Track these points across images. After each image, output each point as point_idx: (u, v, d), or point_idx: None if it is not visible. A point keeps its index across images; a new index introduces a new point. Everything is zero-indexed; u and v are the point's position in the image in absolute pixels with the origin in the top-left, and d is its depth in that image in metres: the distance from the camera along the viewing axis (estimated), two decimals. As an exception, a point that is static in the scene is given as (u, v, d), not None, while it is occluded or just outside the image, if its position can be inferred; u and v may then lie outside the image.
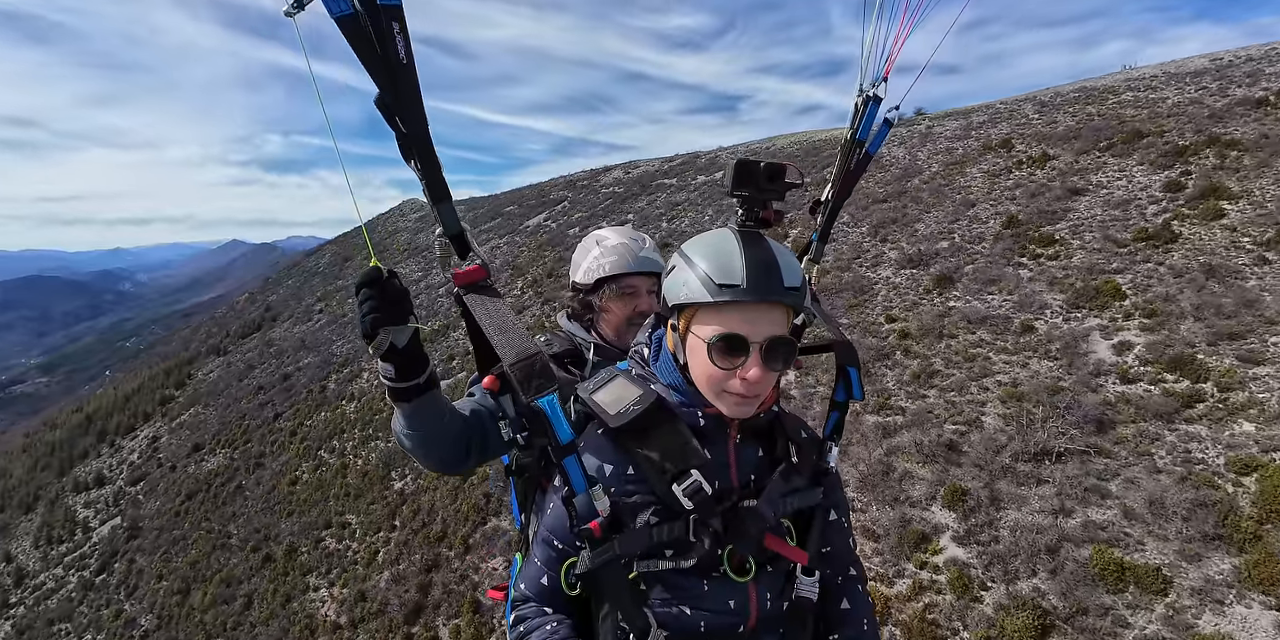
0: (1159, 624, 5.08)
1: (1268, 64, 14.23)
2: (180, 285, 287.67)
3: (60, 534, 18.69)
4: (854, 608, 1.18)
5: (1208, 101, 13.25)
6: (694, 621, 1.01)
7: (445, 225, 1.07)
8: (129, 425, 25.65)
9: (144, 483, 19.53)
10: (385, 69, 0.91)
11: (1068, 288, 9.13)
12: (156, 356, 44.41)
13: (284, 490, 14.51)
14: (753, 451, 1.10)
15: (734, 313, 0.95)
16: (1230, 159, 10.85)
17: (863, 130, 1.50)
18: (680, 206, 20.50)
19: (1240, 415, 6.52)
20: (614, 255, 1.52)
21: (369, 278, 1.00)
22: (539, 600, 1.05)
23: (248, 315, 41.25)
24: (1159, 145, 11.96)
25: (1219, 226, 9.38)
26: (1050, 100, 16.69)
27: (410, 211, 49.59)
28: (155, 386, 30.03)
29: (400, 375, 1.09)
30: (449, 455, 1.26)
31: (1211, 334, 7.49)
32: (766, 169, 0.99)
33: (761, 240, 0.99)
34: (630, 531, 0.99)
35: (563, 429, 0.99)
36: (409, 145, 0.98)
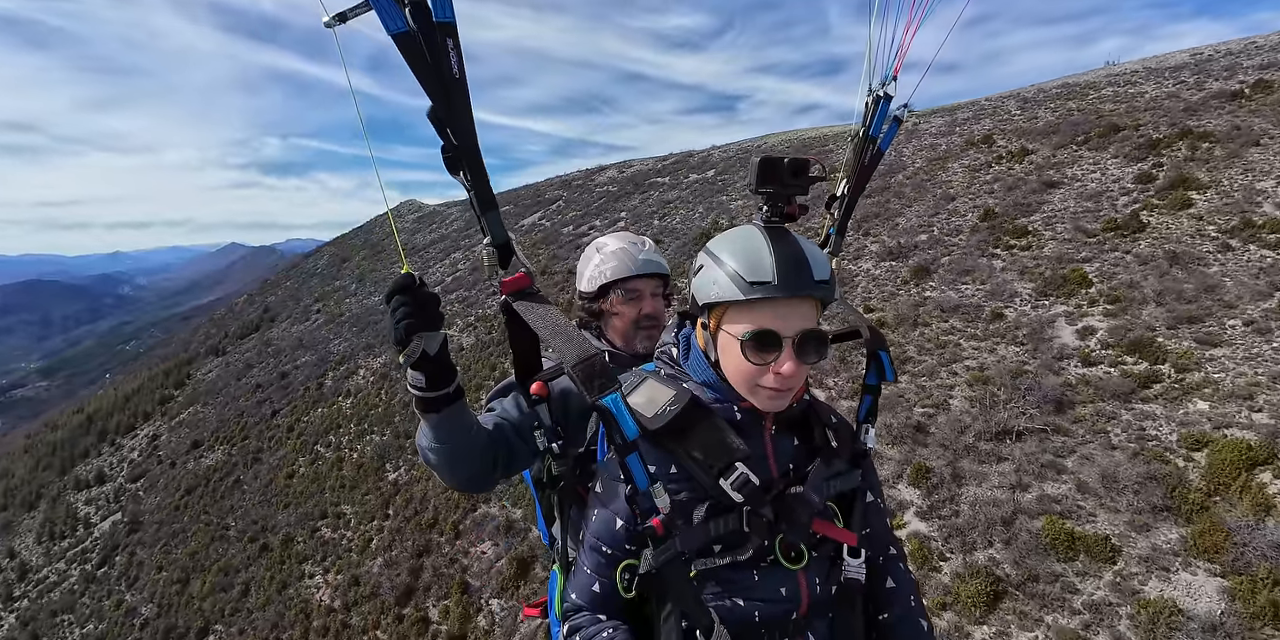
0: (1106, 590, 5.35)
1: (1245, 58, 14.53)
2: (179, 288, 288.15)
3: (62, 530, 19.02)
4: (899, 586, 1.20)
5: (1184, 95, 13.55)
6: (749, 612, 1.02)
7: (493, 234, 1.09)
8: (129, 425, 25.96)
9: (144, 479, 19.84)
10: (439, 83, 0.94)
11: (1037, 277, 9.42)
12: (156, 359, 44.71)
13: (281, 483, 14.82)
14: (788, 442, 1.11)
15: (766, 309, 0.96)
16: (1201, 151, 11.14)
17: (874, 127, 1.54)
18: (671, 204, 20.81)
19: (1195, 394, 6.80)
20: (615, 260, 1.54)
21: (401, 284, 1.01)
22: (591, 609, 1.05)
23: (246, 316, 41.56)
24: (1134, 138, 12.25)
25: (1186, 216, 9.66)
26: (1034, 96, 16.99)
27: (408, 213, 49.95)
28: (155, 386, 30.33)
29: (431, 384, 1.08)
30: (477, 470, 1.24)
31: (1171, 318, 7.77)
32: (790, 164, 0.99)
33: (788, 235, 1.00)
34: (687, 528, 1.00)
35: (628, 426, 0.99)
36: (459, 157, 1.01)
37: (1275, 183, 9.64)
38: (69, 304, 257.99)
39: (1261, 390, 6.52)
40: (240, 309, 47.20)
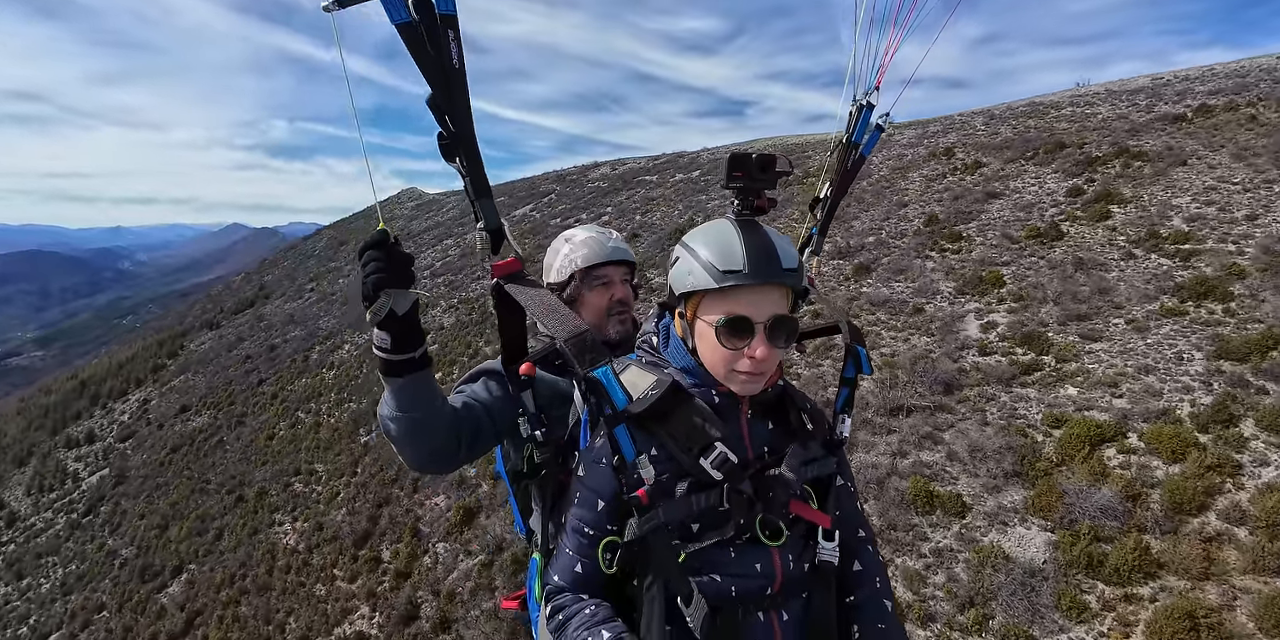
0: (952, 539, 6.22)
1: (1199, 84, 15.40)
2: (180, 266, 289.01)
3: (51, 483, 19.94)
4: (865, 568, 1.23)
5: (1133, 117, 14.42)
6: (725, 587, 1.05)
7: (486, 220, 1.12)
8: (121, 390, 26.86)
9: (132, 439, 20.76)
10: (440, 72, 0.97)
11: (959, 277, 10.29)
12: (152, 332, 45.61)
13: (261, 444, 15.73)
14: (764, 426, 1.15)
15: (738, 296, 1.00)
16: (1133, 168, 12.02)
17: (857, 134, 1.63)
18: (654, 201, 21.69)
19: (1068, 381, 7.68)
20: (585, 248, 1.57)
21: (375, 240, 1.02)
22: (573, 589, 1.08)
23: (242, 293, 42.40)
24: (1075, 155, 13.12)
25: (1102, 227, 10.54)
26: (1001, 114, 17.86)
27: (408, 200, 50.84)
28: (149, 355, 31.21)
29: (397, 346, 1.09)
30: (440, 445, 1.23)
31: (1064, 315, 8.65)
32: (758, 160, 1.03)
33: (758, 227, 1.05)
34: (670, 501, 1.03)
35: (618, 396, 1.03)
36: (456, 144, 1.04)
37: (1190, 199, 10.52)
38: (68, 276, 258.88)
39: (1126, 380, 7.40)
40: (237, 286, 48.04)
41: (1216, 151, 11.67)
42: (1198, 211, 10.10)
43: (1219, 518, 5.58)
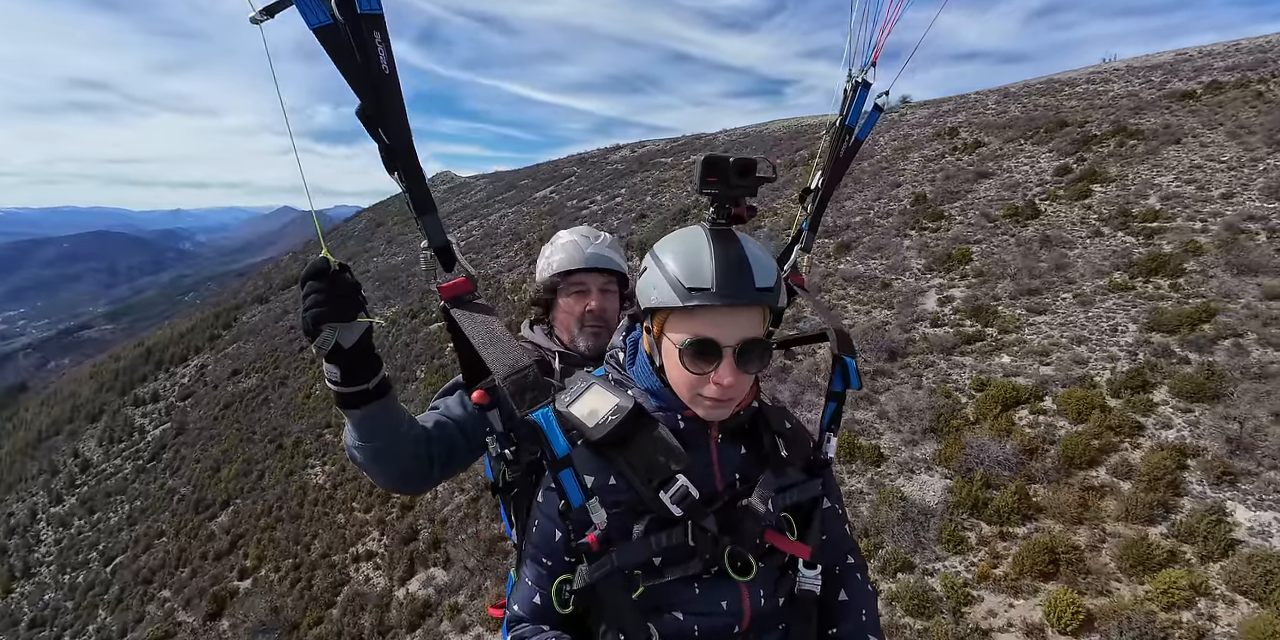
0: (864, 484, 7.07)
1: (1220, 60, 14.99)
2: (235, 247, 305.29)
3: (120, 435, 22.76)
4: (852, 598, 1.16)
5: (1143, 94, 14.26)
6: (688, 626, 1.00)
7: (430, 237, 1.04)
8: (182, 356, 29.80)
9: (191, 398, 23.35)
10: (367, 80, 0.89)
11: (930, 254, 10.82)
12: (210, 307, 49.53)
13: (299, 402, 17.68)
14: (735, 451, 1.07)
15: (705, 316, 0.92)
16: (1127, 147, 12.10)
17: (852, 116, 1.47)
18: (665, 183, 22.42)
19: (1004, 351, 8.29)
20: (562, 253, 1.51)
21: (315, 269, 0.97)
22: (532, 620, 1.03)
23: (289, 271, 45.46)
24: (1074, 134, 13.20)
25: (1079, 205, 10.82)
26: (1017, 92, 17.70)
27: (441, 183, 52.91)
28: (206, 327, 34.25)
29: (346, 379, 1.04)
30: (409, 468, 1.19)
31: (1017, 290, 9.16)
32: (736, 164, 0.95)
33: (733, 238, 0.95)
34: (628, 543, 0.96)
35: (558, 442, 0.95)
36: (392, 157, 0.96)
37: (1172, 177, 10.67)
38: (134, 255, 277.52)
39: (1058, 350, 7.97)
40: (285, 265, 51.36)
41: (1213, 129, 11.64)
42: (1176, 190, 10.28)
43: (1108, 472, 6.25)
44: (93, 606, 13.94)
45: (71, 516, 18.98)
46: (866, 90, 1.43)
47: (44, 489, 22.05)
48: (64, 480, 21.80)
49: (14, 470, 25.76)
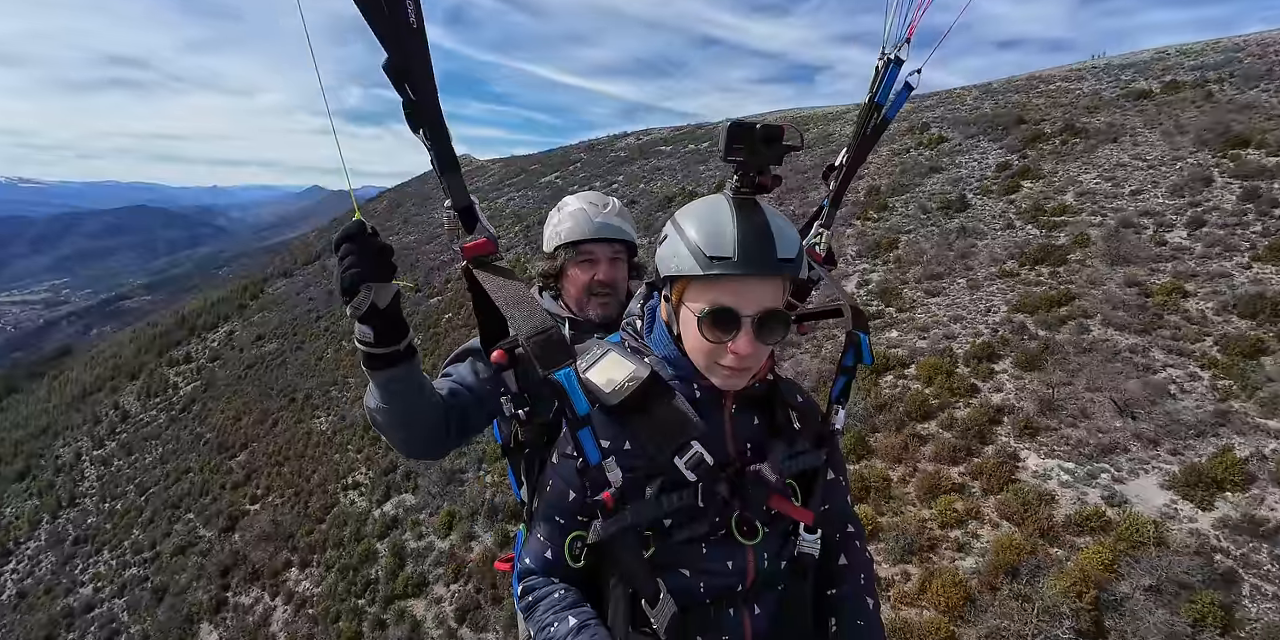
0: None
1: (1191, 59, 15.65)
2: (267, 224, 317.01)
3: (156, 391, 25.70)
4: (851, 564, 1.23)
5: (1104, 93, 15.11)
6: (694, 583, 1.04)
7: (454, 198, 1.06)
8: (212, 323, 32.83)
9: (219, 360, 26.15)
10: (394, 33, 0.90)
11: (865, 242, 12.17)
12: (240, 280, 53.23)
13: (312, 363, 20.05)
14: (748, 420, 1.11)
15: (725, 285, 0.93)
16: (1069, 144, 13.13)
17: (881, 94, 1.47)
18: (661, 170, 23.86)
19: (895, 327, 9.70)
20: (570, 221, 1.50)
21: (350, 232, 1.00)
22: (543, 573, 1.08)
23: (314, 248, 48.56)
24: (1027, 131, 14.21)
25: (1005, 199, 11.99)
26: (999, 88, 18.51)
27: (465, 164, 55.17)
28: (235, 298, 37.35)
29: (380, 339, 1.08)
30: (429, 433, 1.24)
31: (923, 275, 10.51)
32: (763, 131, 0.95)
33: (756, 208, 0.96)
34: (641, 501, 1.00)
35: (580, 402, 0.98)
36: (418, 114, 0.97)
37: (1095, 175, 11.74)
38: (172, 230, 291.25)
39: (937, 326, 9.37)
40: (310, 242, 54.62)
41: (1152, 129, 12.58)
42: (1094, 186, 11.38)
43: (937, 425, 7.71)
44: (128, 526, 16.55)
45: (112, 457, 21.89)
46: (899, 68, 1.44)
47: (88, 436, 25.16)
48: (105, 428, 24.87)
49: (61, 421, 29.13)
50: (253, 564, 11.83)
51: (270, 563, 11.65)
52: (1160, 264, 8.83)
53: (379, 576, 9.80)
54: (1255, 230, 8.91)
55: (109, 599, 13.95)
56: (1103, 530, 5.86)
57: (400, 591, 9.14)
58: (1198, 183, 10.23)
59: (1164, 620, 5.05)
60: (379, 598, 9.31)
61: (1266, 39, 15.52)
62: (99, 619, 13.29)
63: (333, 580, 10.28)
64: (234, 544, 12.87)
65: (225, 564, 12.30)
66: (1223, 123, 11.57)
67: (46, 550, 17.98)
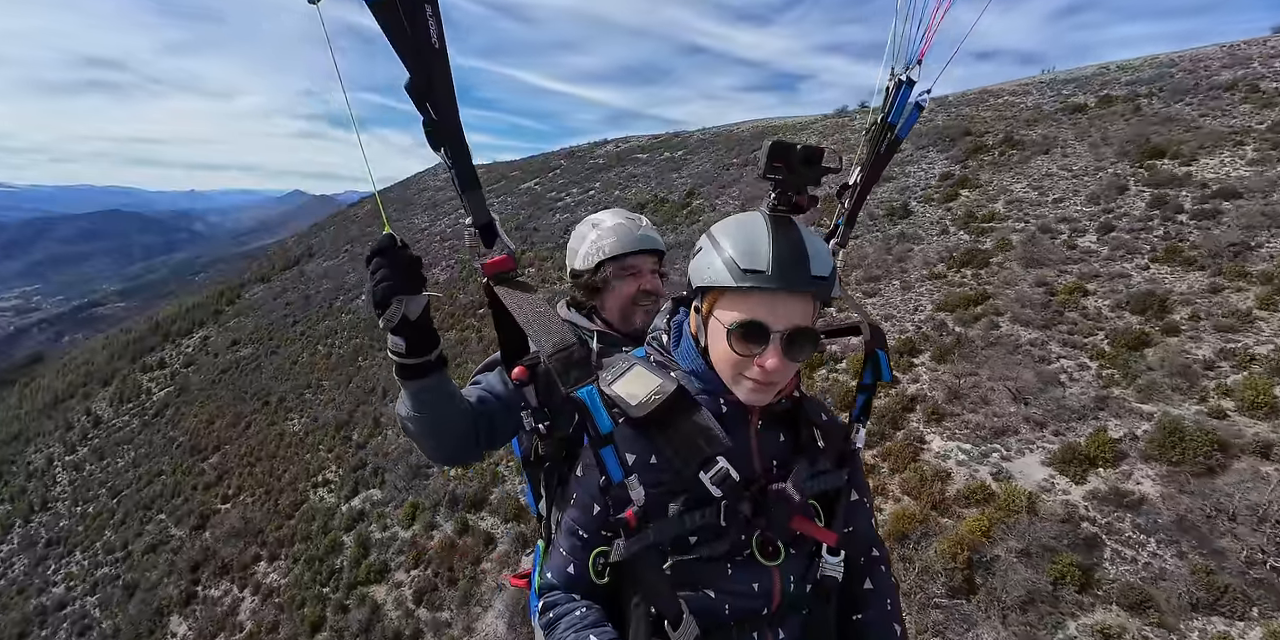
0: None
1: (1128, 75, 16.80)
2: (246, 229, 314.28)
3: (129, 396, 25.92)
4: (876, 588, 1.22)
5: (1045, 106, 16.18)
6: (719, 605, 1.05)
7: (474, 215, 1.09)
8: (188, 329, 33.04)
9: (194, 365, 26.45)
10: (417, 54, 0.93)
11: (812, 245, 13.02)
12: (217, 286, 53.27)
13: (286, 367, 20.52)
14: (774, 436, 1.12)
15: (758, 300, 0.95)
16: (1006, 155, 14.13)
17: (894, 114, 1.52)
18: (635, 178, 24.73)
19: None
20: (613, 236, 1.56)
21: (382, 246, 1.04)
22: (565, 589, 1.09)
23: (292, 253, 48.82)
24: (971, 143, 15.21)
25: (943, 207, 12.92)
26: (954, 101, 19.59)
27: (443, 171, 55.65)
28: (211, 303, 37.57)
29: (411, 350, 1.11)
30: (459, 442, 1.28)
31: (863, 277, 11.36)
32: (803, 152, 0.96)
33: (792, 226, 0.99)
34: (663, 519, 1.01)
35: (603, 420, 0.99)
36: (440, 133, 1.00)
37: (1025, 184, 12.71)
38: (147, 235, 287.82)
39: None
40: (289, 247, 54.81)
41: (1081, 141, 13.60)
42: (1022, 195, 12.34)
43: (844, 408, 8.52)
44: (100, 528, 16.87)
45: (84, 462, 22.13)
46: (910, 88, 1.49)
47: (60, 441, 25.33)
48: (78, 434, 25.06)
49: (33, 427, 29.19)
50: (222, 559, 12.31)
51: (240, 557, 12.14)
52: (1069, 266, 9.74)
53: (343, 565, 10.37)
54: (1157, 234, 9.85)
55: (81, 597, 14.31)
56: (986, 502, 6.66)
57: (363, 578, 9.73)
58: (1113, 191, 11.20)
59: (1028, 578, 5.84)
60: (342, 584, 9.88)
61: (1199, 55, 16.72)
62: (71, 616, 13.66)
63: (299, 571, 10.82)
64: (204, 541, 13.33)
65: (196, 560, 12.76)
66: (1143, 134, 12.61)
67: (19, 553, 18.25)
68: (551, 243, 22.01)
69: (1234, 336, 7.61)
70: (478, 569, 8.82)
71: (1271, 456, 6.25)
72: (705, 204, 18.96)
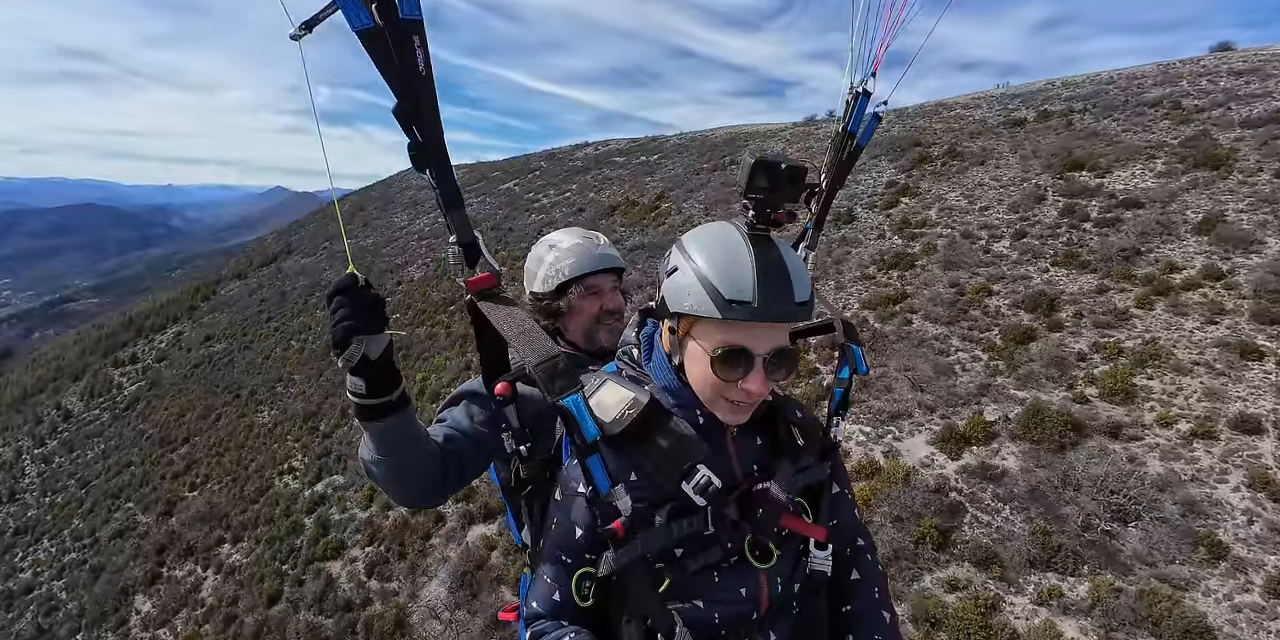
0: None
1: (1069, 90, 18.02)
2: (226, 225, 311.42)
3: (100, 390, 26.36)
4: (864, 578, 1.25)
5: (990, 120, 17.34)
6: (708, 614, 1.06)
7: (459, 233, 1.12)
8: (161, 325, 33.45)
9: (166, 360, 26.95)
10: (405, 81, 0.98)
11: (760, 248, 14.01)
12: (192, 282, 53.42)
13: (259, 362, 21.17)
14: (751, 442, 1.15)
15: (740, 327, 0.97)
16: (947, 166, 15.22)
17: (854, 123, 1.67)
18: (610, 181, 25.67)
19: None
20: (572, 256, 1.57)
21: (343, 285, 1.04)
22: (552, 616, 1.09)
23: (271, 250, 49.20)
24: (918, 154, 16.30)
25: (884, 213, 13.96)
26: (911, 113, 20.75)
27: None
28: (186, 299, 37.97)
29: (372, 390, 1.10)
30: (427, 483, 1.26)
31: (800, 278, 12.35)
32: (788, 171, 0.98)
33: (772, 246, 1.00)
34: (650, 530, 1.02)
35: (588, 427, 1.01)
36: (425, 154, 1.03)
37: (958, 193, 13.78)
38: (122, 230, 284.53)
39: (805, 320, 11.17)
40: (268, 244, 55.13)
41: (1014, 153, 14.72)
42: (955, 203, 13.40)
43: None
44: (68, 517, 17.40)
45: (53, 455, 22.57)
46: (867, 99, 1.64)
47: (29, 435, 25.70)
48: (47, 428, 25.45)
49: (1, 421, 29.50)
50: (187, 542, 12.99)
51: (204, 540, 12.83)
52: (981, 269, 10.78)
53: (302, 544, 11.12)
54: (1062, 240, 10.92)
55: (48, 581, 14.87)
56: (873, 476, 7.62)
57: (320, 555, 10.49)
58: (1031, 200, 12.29)
59: (894, 538, 6.78)
60: (300, 561, 10.63)
61: (1136, 73, 17.97)
62: (38, 599, 14.21)
63: (260, 550, 11.56)
64: (171, 526, 14.00)
65: (161, 543, 13.42)
66: (1067, 148, 13.73)
67: (-15, 543, 18.71)
68: (525, 243, 22.86)
69: (1109, 332, 8.66)
70: (426, 543, 9.63)
71: (1120, 436, 7.27)
72: (672, 207, 19.92)
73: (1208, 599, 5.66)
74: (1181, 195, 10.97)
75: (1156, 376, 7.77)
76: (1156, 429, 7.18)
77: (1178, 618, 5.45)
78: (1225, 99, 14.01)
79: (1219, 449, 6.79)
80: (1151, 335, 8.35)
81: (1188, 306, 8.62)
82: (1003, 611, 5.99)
